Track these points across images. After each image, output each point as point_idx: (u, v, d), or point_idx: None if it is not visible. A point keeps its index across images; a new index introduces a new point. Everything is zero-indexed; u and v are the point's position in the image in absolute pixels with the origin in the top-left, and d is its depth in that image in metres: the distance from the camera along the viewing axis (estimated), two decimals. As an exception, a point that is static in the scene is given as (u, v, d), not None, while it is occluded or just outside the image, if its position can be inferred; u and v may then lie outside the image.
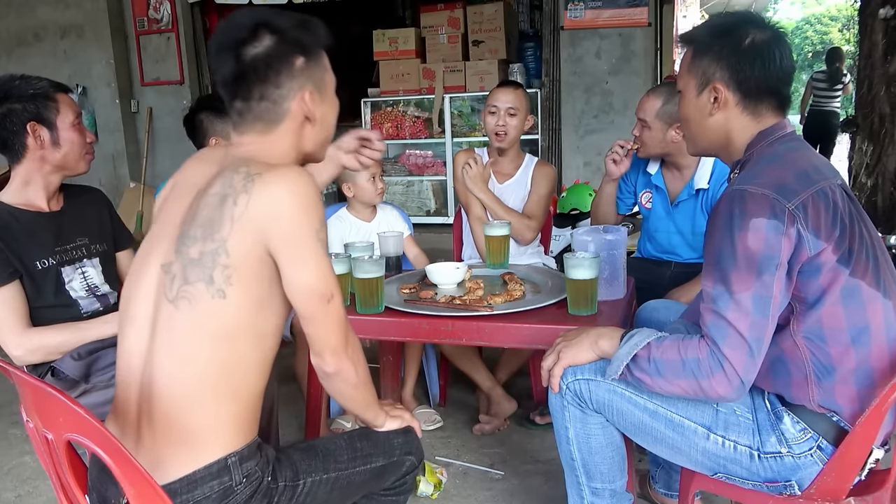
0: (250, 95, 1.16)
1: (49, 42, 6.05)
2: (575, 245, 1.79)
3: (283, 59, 1.16)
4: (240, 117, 1.19)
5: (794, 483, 1.29)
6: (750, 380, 1.21)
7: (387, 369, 2.56)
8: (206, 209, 1.11)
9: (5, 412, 2.81)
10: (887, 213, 4.96)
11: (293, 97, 1.18)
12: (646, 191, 2.42)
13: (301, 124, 1.21)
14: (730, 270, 1.21)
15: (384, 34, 5.93)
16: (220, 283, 1.08)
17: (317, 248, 1.11)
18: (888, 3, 4.83)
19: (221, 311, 1.08)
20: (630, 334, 1.34)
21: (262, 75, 1.15)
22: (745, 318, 1.19)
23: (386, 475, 1.33)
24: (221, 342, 1.09)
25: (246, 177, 1.10)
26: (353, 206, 2.54)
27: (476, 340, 1.74)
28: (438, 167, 5.86)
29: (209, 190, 1.13)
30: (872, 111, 5.20)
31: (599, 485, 1.48)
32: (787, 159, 1.29)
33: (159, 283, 1.13)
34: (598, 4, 5.14)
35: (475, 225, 2.53)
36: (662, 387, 1.27)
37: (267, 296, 1.12)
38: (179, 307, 1.09)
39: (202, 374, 1.09)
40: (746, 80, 1.32)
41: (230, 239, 1.08)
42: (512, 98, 2.49)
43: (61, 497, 1.11)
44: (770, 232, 1.19)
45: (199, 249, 1.09)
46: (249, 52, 1.14)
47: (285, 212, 1.09)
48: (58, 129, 1.72)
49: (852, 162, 5.72)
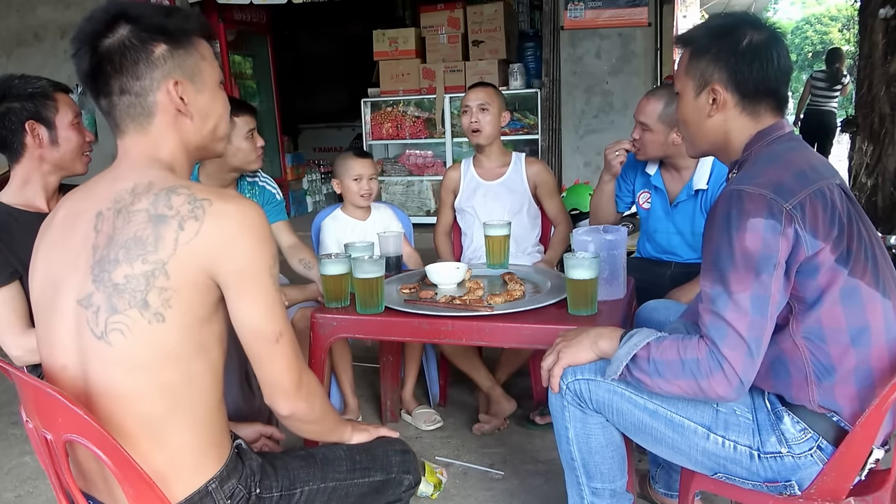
0: (110, 90, 1.08)
1: (49, 42, 6.06)
2: (575, 245, 1.79)
3: (139, 47, 1.07)
4: (110, 117, 1.11)
5: (794, 483, 1.29)
6: (749, 379, 1.21)
7: (387, 369, 2.56)
8: (130, 227, 1.01)
9: (5, 412, 2.81)
10: (887, 213, 4.96)
11: (157, 88, 1.08)
12: (644, 191, 2.42)
13: (175, 118, 1.11)
14: (728, 271, 1.21)
15: (384, 34, 5.93)
16: (156, 306, 0.99)
17: (268, 285, 1.06)
18: (888, 3, 4.83)
19: (162, 336, 1.00)
20: (629, 334, 1.34)
21: (118, 66, 1.06)
22: (744, 318, 1.19)
23: (384, 491, 1.31)
24: (167, 368, 1.01)
25: (191, 200, 1.02)
26: (347, 207, 2.55)
27: (476, 340, 1.74)
28: (438, 167, 5.86)
29: (130, 207, 1.03)
30: (872, 111, 5.20)
31: (599, 485, 1.48)
32: (785, 159, 1.29)
33: (78, 321, 1.02)
34: (598, 4, 5.14)
35: (441, 237, 2.73)
36: (662, 387, 1.27)
37: (212, 311, 1.05)
38: (112, 342, 1.00)
39: (153, 410, 1.02)
40: (745, 81, 1.32)
41: (171, 262, 1.00)
42: (482, 95, 2.57)
43: (61, 498, 1.10)
44: (768, 232, 1.19)
45: (124, 273, 1.00)
46: (104, 42, 1.06)
47: (240, 246, 1.03)
48: (56, 128, 1.72)
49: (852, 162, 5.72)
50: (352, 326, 1.83)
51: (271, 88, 6.83)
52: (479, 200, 2.65)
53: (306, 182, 7.15)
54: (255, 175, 2.44)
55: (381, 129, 6.04)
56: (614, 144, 2.33)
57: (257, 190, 2.41)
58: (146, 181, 1.05)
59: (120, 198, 1.05)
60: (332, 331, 1.83)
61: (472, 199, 2.66)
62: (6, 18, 6.08)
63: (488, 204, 2.62)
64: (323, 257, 1.84)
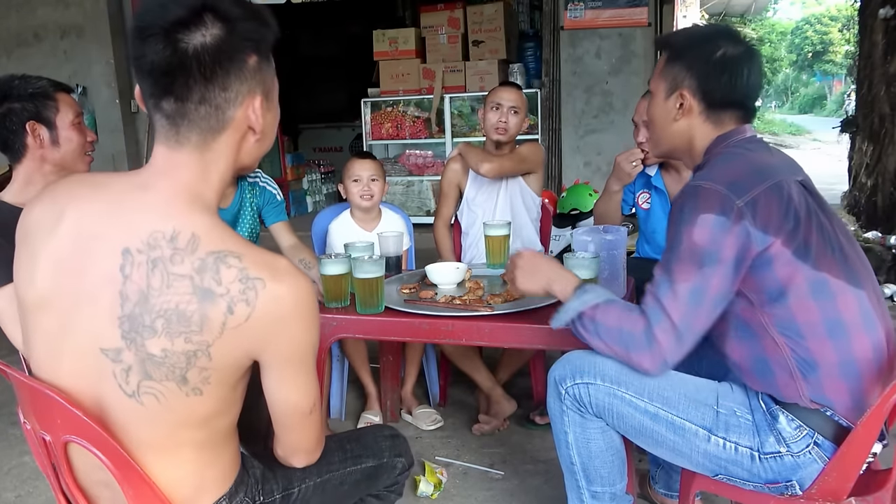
0: (188, 96, 0.92)
1: (49, 42, 6.06)
2: (575, 245, 1.79)
3: (234, 55, 0.93)
4: (170, 123, 0.94)
5: (795, 483, 1.29)
6: (675, 360, 1.30)
7: (387, 369, 2.56)
8: (170, 295, 0.90)
9: (5, 412, 2.80)
10: (887, 213, 4.96)
11: (241, 103, 0.96)
12: (644, 191, 2.42)
13: (243, 136, 0.99)
14: (674, 261, 1.29)
15: (384, 34, 5.93)
16: (195, 382, 0.94)
17: (310, 364, 1.01)
18: (888, 3, 4.84)
19: (198, 406, 0.96)
20: (584, 289, 1.41)
21: (208, 73, 0.91)
22: (680, 307, 1.27)
23: (378, 476, 1.31)
24: (196, 429, 0.98)
25: (243, 277, 0.91)
26: (354, 211, 2.54)
27: (476, 340, 1.74)
28: (438, 167, 5.86)
29: (171, 267, 0.91)
30: (872, 111, 5.20)
31: (599, 488, 1.48)
32: (744, 158, 1.35)
33: (102, 369, 0.94)
34: (598, 4, 5.14)
35: (440, 226, 2.71)
36: (598, 346, 1.36)
37: (243, 376, 1.01)
38: (144, 403, 0.94)
39: (181, 460, 1.00)
40: (712, 91, 1.38)
41: (216, 345, 0.92)
42: (515, 97, 2.55)
43: (60, 498, 1.10)
44: (716, 228, 1.25)
45: (163, 347, 0.91)
46: (192, 40, 0.90)
47: (290, 333, 0.96)
48: (57, 129, 1.72)
49: (852, 162, 5.72)
50: (352, 326, 1.83)
51: (271, 88, 6.82)
52: (483, 198, 2.64)
53: (306, 182, 7.15)
54: (255, 175, 2.43)
55: (381, 129, 6.04)
56: (628, 154, 2.27)
57: (258, 190, 2.41)
58: (189, 233, 0.92)
59: (156, 244, 0.91)
60: (333, 331, 1.83)
61: (477, 198, 2.65)
62: (6, 18, 6.08)
63: (492, 201, 2.61)
64: (323, 257, 1.84)
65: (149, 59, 0.90)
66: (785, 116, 26.85)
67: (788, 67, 31.46)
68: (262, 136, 1.02)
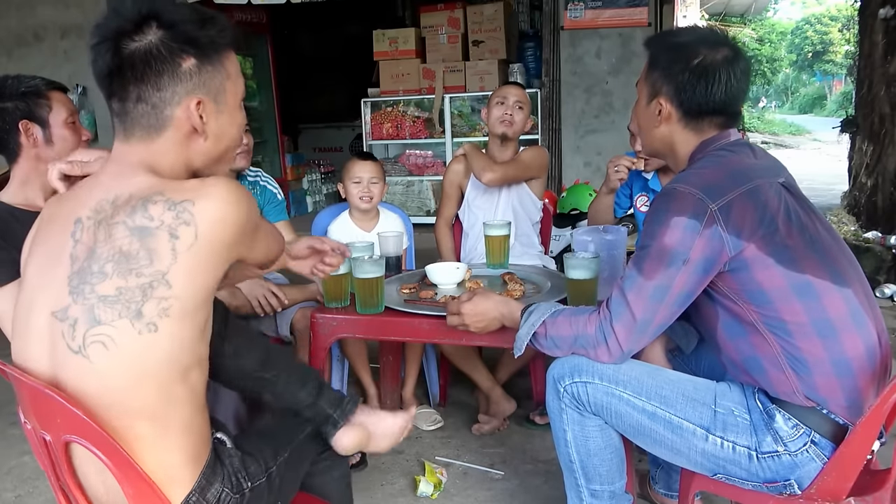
0: (126, 95, 1.03)
1: (49, 42, 6.06)
2: (575, 245, 1.79)
3: (166, 58, 1.01)
4: (119, 120, 1.06)
5: (794, 482, 1.29)
6: (633, 350, 1.36)
7: (387, 369, 2.56)
8: (113, 241, 0.97)
9: (5, 412, 2.80)
10: (887, 213, 4.96)
11: (177, 103, 1.03)
12: (641, 194, 2.42)
13: (187, 136, 1.06)
14: (644, 258, 1.32)
15: (384, 34, 5.93)
16: (151, 316, 0.95)
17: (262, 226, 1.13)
18: (888, 3, 4.83)
19: (149, 347, 0.96)
20: (528, 312, 1.46)
21: (140, 74, 1.01)
22: (642, 302, 1.31)
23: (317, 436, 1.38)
24: (146, 389, 0.97)
25: (170, 205, 0.97)
26: (353, 212, 2.54)
27: (476, 340, 1.74)
28: (438, 167, 5.86)
29: (110, 219, 0.98)
30: (872, 111, 5.19)
31: (598, 486, 1.48)
32: (723, 161, 1.36)
33: (53, 334, 0.98)
34: (598, 4, 5.14)
35: (442, 226, 2.72)
36: (560, 355, 1.44)
37: (200, 332, 1.02)
38: (91, 356, 0.95)
39: (127, 429, 0.97)
40: (688, 99, 1.38)
41: (172, 271, 0.96)
42: (521, 94, 2.58)
43: (60, 498, 1.10)
44: (687, 231, 1.27)
45: (117, 286, 0.95)
46: (129, 45, 1.00)
47: (234, 224, 1.00)
48: (50, 127, 1.72)
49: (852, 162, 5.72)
50: (352, 326, 1.83)
51: (271, 88, 6.82)
52: (484, 200, 2.64)
53: (306, 182, 7.16)
54: (255, 174, 2.43)
55: (381, 129, 6.04)
56: (616, 159, 2.25)
57: (258, 189, 2.41)
58: (127, 193, 1.00)
59: (100, 208, 1.00)
60: (333, 331, 1.83)
61: (478, 199, 2.65)
62: (6, 18, 6.08)
63: (493, 203, 2.62)
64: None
65: (98, 64, 1.03)
66: (785, 116, 26.83)
67: (788, 67, 31.44)
68: (216, 139, 1.09)
